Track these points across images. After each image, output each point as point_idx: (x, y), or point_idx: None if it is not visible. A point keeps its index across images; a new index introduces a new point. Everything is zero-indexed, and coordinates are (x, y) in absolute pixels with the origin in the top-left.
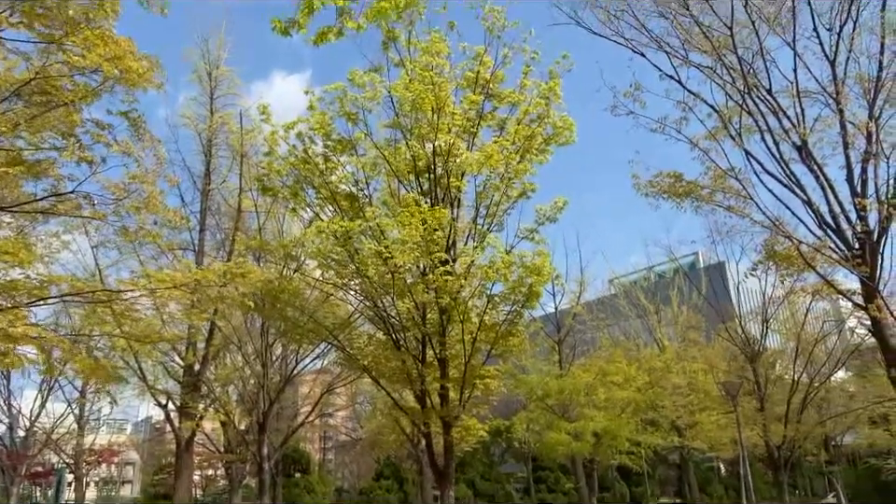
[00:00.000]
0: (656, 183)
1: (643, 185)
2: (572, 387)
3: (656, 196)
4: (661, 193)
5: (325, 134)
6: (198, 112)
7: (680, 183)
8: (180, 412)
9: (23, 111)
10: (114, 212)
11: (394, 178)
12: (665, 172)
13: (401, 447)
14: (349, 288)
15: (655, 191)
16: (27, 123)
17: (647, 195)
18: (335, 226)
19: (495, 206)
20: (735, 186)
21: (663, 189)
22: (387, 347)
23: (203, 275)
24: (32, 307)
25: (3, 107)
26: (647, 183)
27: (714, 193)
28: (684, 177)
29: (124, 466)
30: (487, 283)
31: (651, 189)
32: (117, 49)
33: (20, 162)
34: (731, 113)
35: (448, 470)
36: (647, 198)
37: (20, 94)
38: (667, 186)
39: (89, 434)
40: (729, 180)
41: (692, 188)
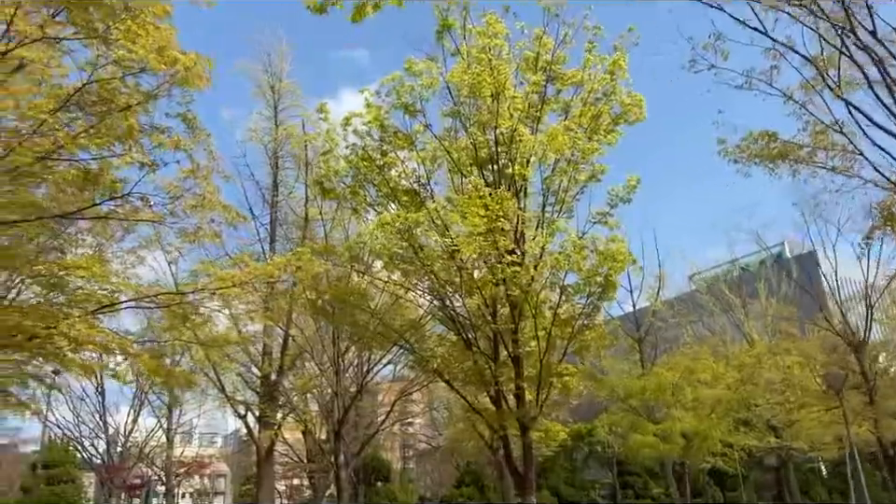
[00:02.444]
0: (746, 147)
1: (731, 150)
2: (656, 387)
3: (746, 162)
4: (751, 158)
5: (382, 128)
6: (263, 125)
7: (774, 143)
8: (259, 421)
9: (82, 122)
10: (171, 212)
11: (456, 173)
12: (755, 132)
13: (481, 453)
14: (417, 289)
15: (745, 156)
16: (86, 133)
17: (735, 161)
18: (397, 219)
19: (563, 192)
20: (840, 141)
21: (753, 153)
22: (458, 348)
23: (263, 270)
24: (100, 314)
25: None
26: (735, 147)
27: (815, 152)
28: (779, 136)
29: (216, 478)
30: (559, 273)
31: (739, 154)
32: (160, 37)
33: (85, 175)
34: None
35: (528, 475)
36: (735, 164)
37: (78, 104)
38: (759, 149)
39: (179, 447)
40: (833, 136)
41: (788, 148)
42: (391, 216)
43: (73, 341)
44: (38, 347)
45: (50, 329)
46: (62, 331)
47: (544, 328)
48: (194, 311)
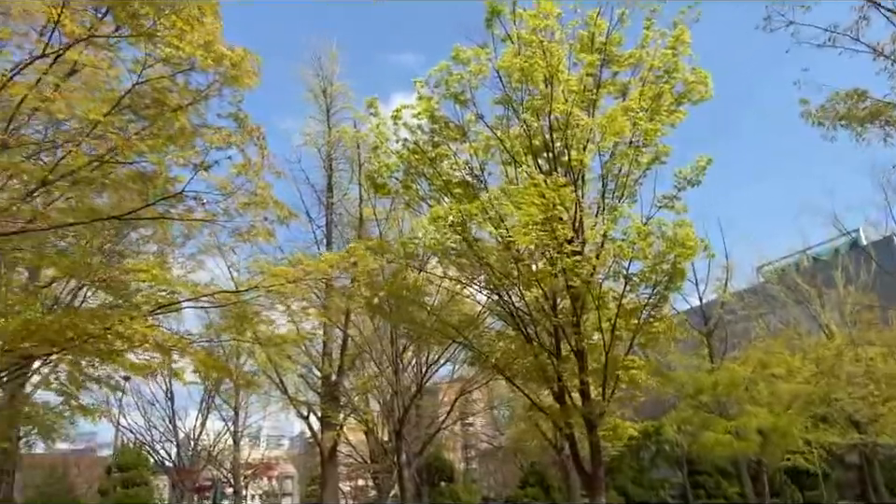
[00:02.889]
0: (831, 107)
1: (814, 112)
2: (729, 382)
3: (831, 125)
4: (837, 120)
5: (432, 119)
6: (316, 129)
7: (864, 103)
8: (321, 422)
9: (135, 126)
10: (224, 211)
11: (510, 163)
12: (841, 91)
13: (544, 453)
14: (473, 284)
15: (830, 118)
16: (139, 135)
17: (819, 124)
18: (450, 212)
19: (624, 177)
20: None
21: (839, 115)
22: (518, 343)
23: (317, 266)
24: (159, 315)
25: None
26: (819, 109)
27: None
28: (869, 95)
29: (283, 479)
30: (623, 261)
31: (823, 116)
32: (206, 32)
33: (141, 178)
34: None
35: (597, 474)
36: (819, 128)
37: (130, 107)
38: (845, 110)
39: (247, 449)
40: None
41: (881, 108)
42: (443, 209)
43: (127, 340)
44: (95, 348)
45: (105, 329)
46: (116, 331)
47: (608, 319)
48: (252, 311)
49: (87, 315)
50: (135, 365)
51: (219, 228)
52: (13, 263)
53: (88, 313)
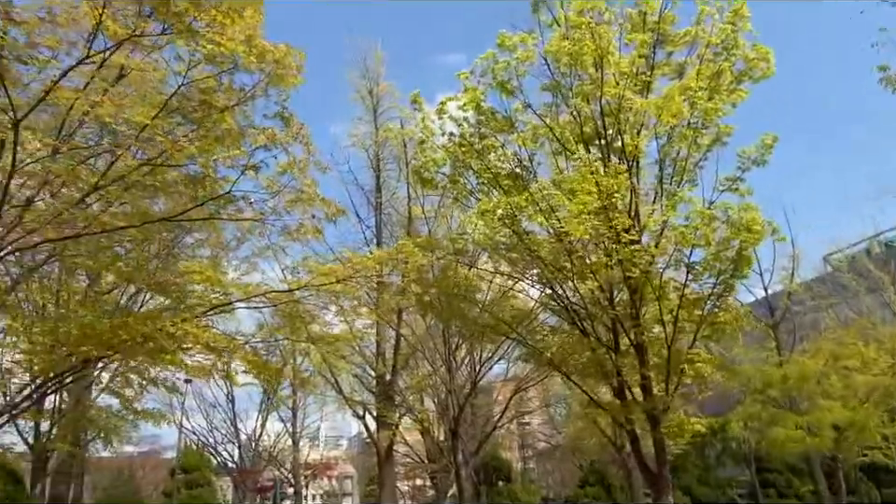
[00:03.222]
0: None
1: (893, 78)
2: (799, 375)
3: None
4: None
5: (478, 110)
6: (363, 130)
7: None
8: (377, 421)
9: (183, 128)
10: (273, 210)
11: (560, 154)
12: None
13: (604, 451)
14: (525, 278)
15: None
16: (187, 138)
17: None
18: (499, 205)
19: (682, 161)
20: None
21: None
22: (574, 338)
23: (365, 263)
24: (214, 316)
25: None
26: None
27: None
28: None
29: (343, 479)
30: (685, 249)
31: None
32: (246, 26)
33: (191, 180)
34: None
35: (662, 473)
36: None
37: (178, 110)
38: None
39: (306, 450)
40: None
41: None
42: (492, 202)
43: (178, 340)
44: (147, 350)
45: (157, 330)
46: (167, 332)
47: (670, 310)
48: (304, 311)
49: (140, 317)
50: (191, 367)
51: (269, 227)
52: (73, 269)
53: (141, 315)
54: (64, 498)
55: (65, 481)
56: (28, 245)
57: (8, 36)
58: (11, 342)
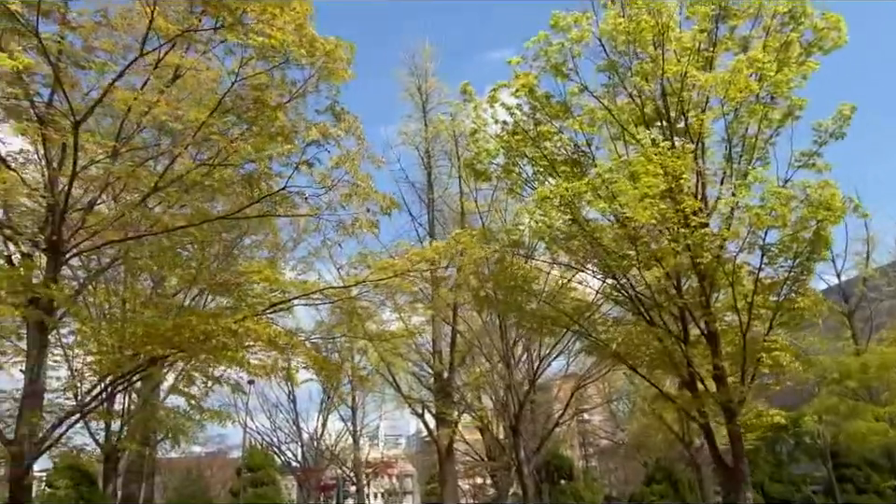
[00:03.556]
0: None
1: None
2: (879, 365)
3: None
4: None
5: (532, 96)
6: (413, 127)
7: None
8: (436, 419)
9: (237, 128)
10: (328, 205)
11: (618, 139)
12: None
13: (671, 448)
14: (585, 268)
15: None
16: (242, 136)
17: None
18: (557, 190)
19: (752, 138)
20: None
21: None
22: (640, 329)
23: (423, 255)
24: (272, 314)
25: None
26: None
27: None
28: None
29: (403, 477)
30: (758, 231)
31: None
32: (296, 15)
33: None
34: None
35: (739, 467)
36: None
37: (232, 110)
38: None
39: (366, 449)
40: None
41: None
42: (550, 188)
43: (239, 337)
44: (210, 347)
45: (219, 328)
46: (228, 328)
47: (744, 296)
48: (360, 307)
49: (202, 315)
50: (253, 365)
51: (324, 223)
52: (137, 273)
53: (203, 313)
54: (136, 498)
55: (136, 480)
56: (92, 247)
57: (65, 41)
58: (80, 342)
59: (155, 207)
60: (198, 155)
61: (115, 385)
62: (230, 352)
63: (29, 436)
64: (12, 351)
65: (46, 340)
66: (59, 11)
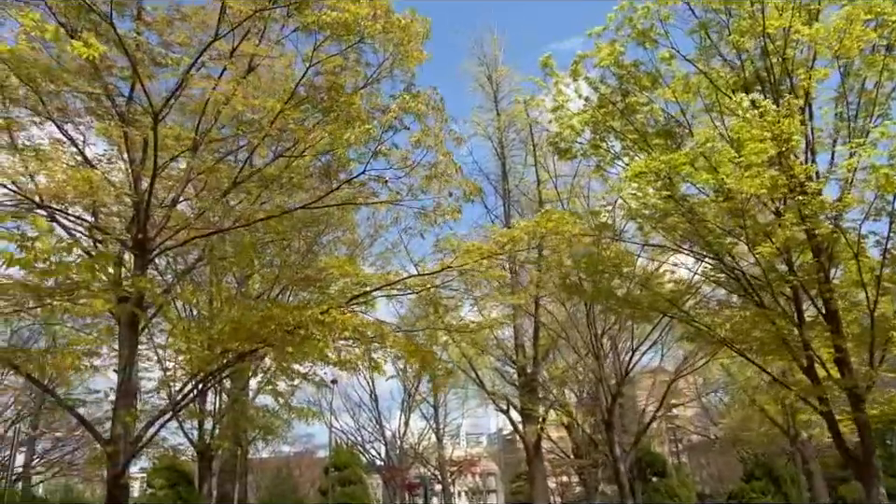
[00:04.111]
0: None
1: None
2: None
3: None
4: None
5: (618, 66)
6: (485, 117)
7: None
8: (522, 415)
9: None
10: (408, 190)
11: (714, 109)
12: None
13: (771, 442)
14: (681, 249)
15: None
16: (319, 124)
17: None
18: (653, 163)
19: (870, 93)
20: None
21: None
22: (751, 311)
23: (510, 235)
24: (353, 305)
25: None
26: None
27: None
28: None
29: (486, 476)
30: (887, 195)
31: None
32: None
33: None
34: None
35: (870, 460)
36: None
37: (308, 100)
38: None
39: (449, 447)
40: None
41: None
42: (645, 161)
43: (326, 327)
44: (297, 338)
45: (305, 318)
46: (314, 318)
47: (871, 269)
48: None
49: (287, 307)
50: (339, 361)
51: (404, 212)
52: (222, 273)
53: (287, 306)
54: (231, 497)
55: (230, 480)
56: (177, 244)
57: (142, 36)
58: (170, 343)
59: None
60: (276, 148)
61: (205, 383)
62: (317, 342)
63: (124, 436)
64: (107, 353)
65: (137, 339)
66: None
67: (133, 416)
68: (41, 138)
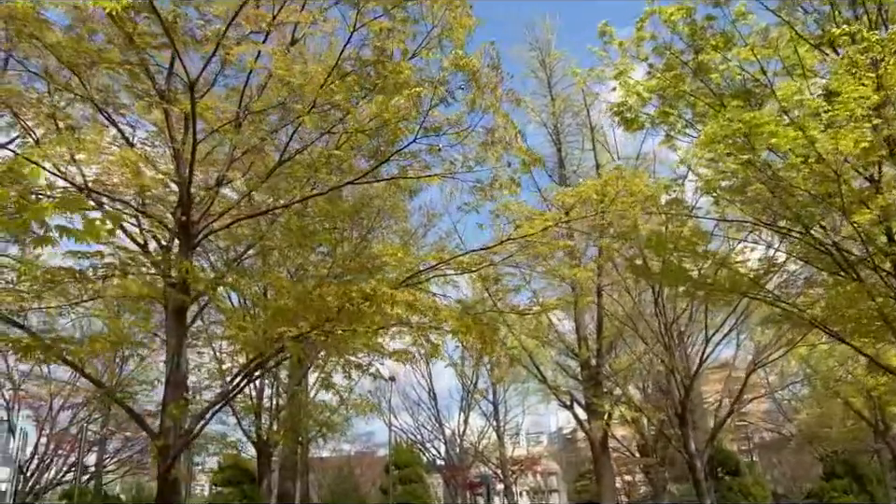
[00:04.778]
0: None
1: None
2: None
3: None
4: None
5: (689, 24)
6: (539, 104)
7: None
8: (587, 410)
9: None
10: (463, 160)
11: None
12: None
13: (854, 438)
14: (762, 223)
15: None
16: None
17: None
18: (729, 126)
19: None
20: None
21: None
22: (850, 287)
23: (579, 193)
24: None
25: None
26: None
27: None
28: None
29: (547, 476)
30: None
31: None
32: None
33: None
34: None
35: None
36: None
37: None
38: None
39: (509, 446)
40: None
41: None
42: (721, 123)
43: (376, 302)
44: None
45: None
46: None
47: None
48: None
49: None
50: (392, 353)
51: (458, 189)
52: (275, 265)
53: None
54: (291, 495)
55: (291, 478)
56: (223, 227)
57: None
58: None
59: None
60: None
61: (255, 369)
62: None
63: (174, 429)
64: (159, 346)
65: (184, 328)
66: None
67: (181, 409)
68: (84, 121)
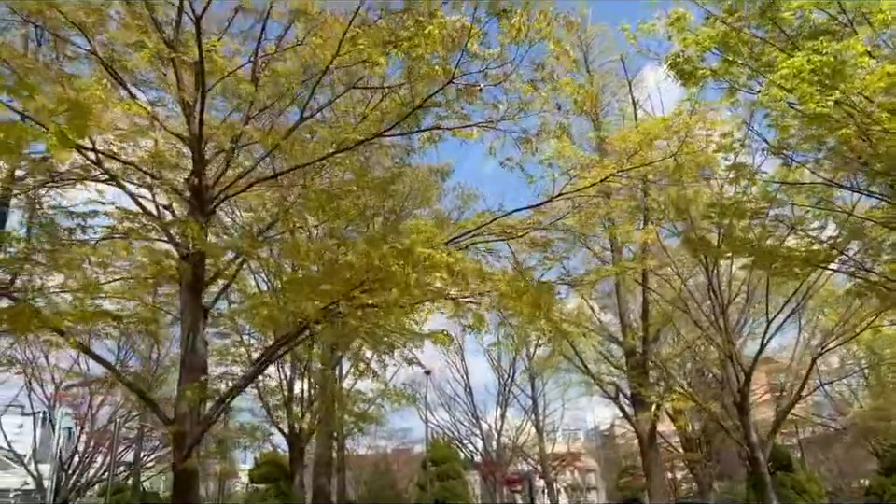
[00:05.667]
0: None
1: None
2: None
3: None
4: None
5: None
6: (576, 81)
7: None
8: (633, 402)
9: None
10: (506, 110)
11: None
12: None
13: None
14: (838, 185)
15: None
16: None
17: None
18: (817, 57)
19: None
20: None
21: None
22: None
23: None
24: None
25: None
26: None
27: None
28: None
29: (586, 473)
30: None
31: None
32: None
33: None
34: None
35: None
36: None
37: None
38: None
39: (547, 443)
40: None
41: None
42: (802, 59)
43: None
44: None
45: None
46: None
47: None
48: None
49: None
50: (431, 333)
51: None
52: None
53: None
54: (326, 491)
55: (325, 474)
56: (239, 191)
57: None
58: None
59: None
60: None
61: (279, 348)
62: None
63: (190, 415)
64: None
65: (200, 305)
66: None
67: (196, 392)
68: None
